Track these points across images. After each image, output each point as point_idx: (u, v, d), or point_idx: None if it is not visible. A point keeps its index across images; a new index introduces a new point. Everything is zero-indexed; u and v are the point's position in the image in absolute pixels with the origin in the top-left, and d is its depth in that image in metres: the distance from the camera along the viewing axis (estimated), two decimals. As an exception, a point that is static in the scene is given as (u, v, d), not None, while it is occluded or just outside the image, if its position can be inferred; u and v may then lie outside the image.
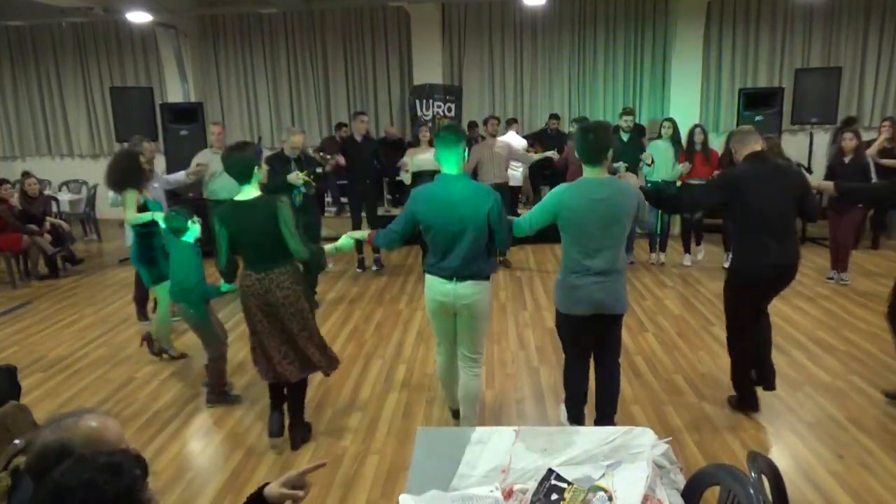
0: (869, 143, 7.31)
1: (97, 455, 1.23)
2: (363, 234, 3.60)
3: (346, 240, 3.45)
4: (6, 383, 2.93)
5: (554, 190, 3.22)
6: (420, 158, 7.01)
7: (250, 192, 3.28)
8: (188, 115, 8.87)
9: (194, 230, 3.96)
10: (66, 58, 10.88)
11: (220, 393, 4.12)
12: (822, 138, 9.21)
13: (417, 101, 9.74)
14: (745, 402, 3.82)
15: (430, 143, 6.87)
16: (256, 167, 3.29)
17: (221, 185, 6.07)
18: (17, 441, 1.85)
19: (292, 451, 3.53)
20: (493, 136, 7.47)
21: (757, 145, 3.54)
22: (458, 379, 3.50)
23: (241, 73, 10.76)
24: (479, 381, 3.49)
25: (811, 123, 8.50)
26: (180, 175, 6.22)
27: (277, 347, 3.37)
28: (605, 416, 3.44)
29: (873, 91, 9.66)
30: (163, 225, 4.26)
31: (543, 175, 9.19)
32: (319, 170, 6.13)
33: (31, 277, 7.37)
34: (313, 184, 5.70)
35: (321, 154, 6.89)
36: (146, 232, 4.63)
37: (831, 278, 6.44)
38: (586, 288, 3.14)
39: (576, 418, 3.52)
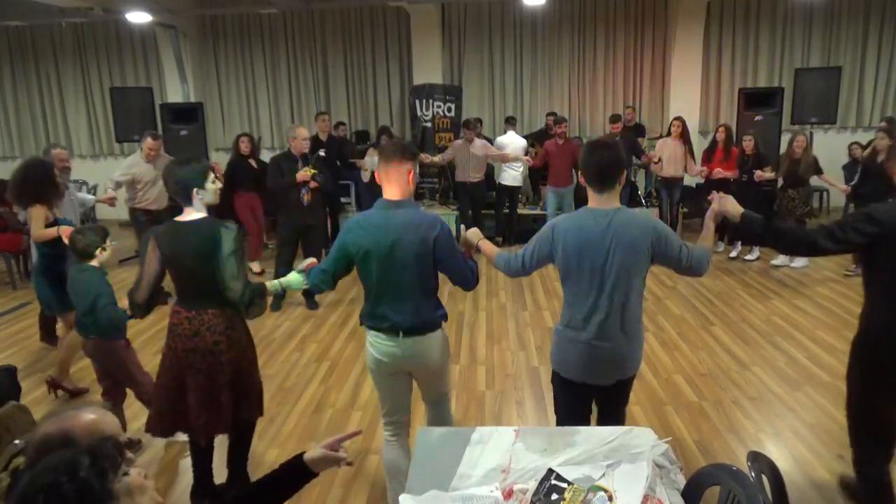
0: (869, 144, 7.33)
1: (62, 451, 1.22)
2: (305, 262, 2.90)
3: (296, 276, 2.88)
4: (6, 383, 2.93)
5: (549, 222, 2.61)
6: (376, 160, 7.22)
7: (192, 212, 2.76)
8: (188, 115, 8.87)
9: (103, 257, 3.43)
10: (66, 58, 10.87)
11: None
12: (822, 138, 9.20)
13: (417, 101, 9.74)
14: None
15: None
16: (205, 182, 2.76)
17: (157, 196, 6.11)
18: (17, 441, 1.85)
19: None
20: (470, 140, 7.84)
21: None
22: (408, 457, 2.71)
23: (241, 73, 10.76)
24: (451, 415, 2.96)
25: (811, 123, 8.50)
26: (88, 198, 5.82)
27: (197, 402, 2.80)
28: None
29: (873, 91, 9.66)
30: (66, 241, 3.76)
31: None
32: (322, 152, 6.20)
33: (32, 278, 7.37)
34: (320, 175, 5.74)
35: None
36: (54, 253, 4.06)
37: (850, 272, 6.55)
38: (580, 349, 2.48)
39: None
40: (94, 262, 3.41)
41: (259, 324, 5.66)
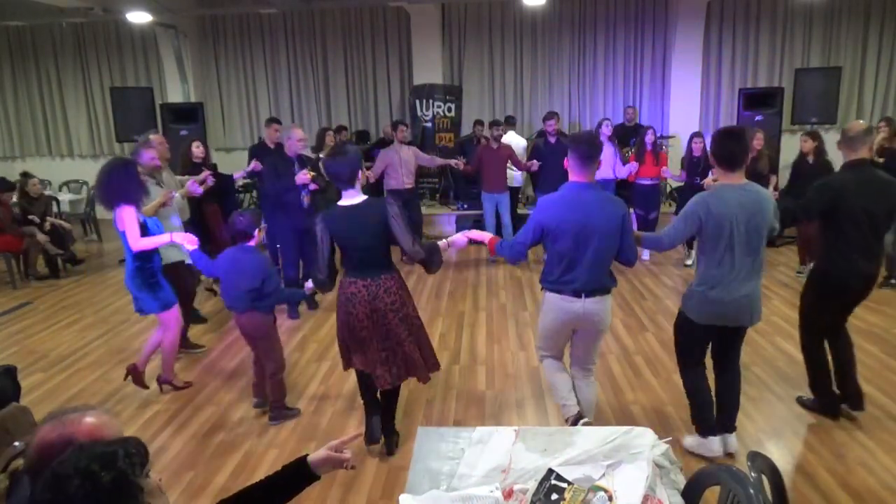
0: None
1: (94, 444, 1.28)
2: (485, 236, 3.34)
3: (459, 238, 3.38)
4: (8, 384, 2.93)
5: (694, 199, 3.10)
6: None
7: (354, 195, 3.20)
8: (188, 115, 8.88)
9: (259, 238, 3.77)
10: (66, 58, 10.88)
11: (282, 407, 3.92)
12: (822, 138, 9.19)
13: (417, 101, 9.75)
14: (826, 409, 3.77)
15: None
16: (362, 165, 3.23)
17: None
18: (16, 443, 1.85)
19: (388, 456, 3.49)
20: (402, 142, 7.43)
21: (864, 151, 3.48)
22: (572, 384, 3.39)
23: (241, 73, 10.77)
24: (596, 387, 3.48)
25: (811, 123, 8.50)
26: (177, 197, 4.87)
27: (378, 353, 3.30)
28: (730, 422, 3.40)
29: (873, 91, 9.67)
30: (188, 248, 3.90)
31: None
32: (321, 155, 6.16)
33: (31, 277, 7.38)
34: (320, 177, 5.71)
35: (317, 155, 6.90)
36: (146, 254, 4.03)
37: (800, 272, 6.63)
38: (727, 302, 3.08)
39: (712, 429, 3.35)
40: (252, 243, 3.71)
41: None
